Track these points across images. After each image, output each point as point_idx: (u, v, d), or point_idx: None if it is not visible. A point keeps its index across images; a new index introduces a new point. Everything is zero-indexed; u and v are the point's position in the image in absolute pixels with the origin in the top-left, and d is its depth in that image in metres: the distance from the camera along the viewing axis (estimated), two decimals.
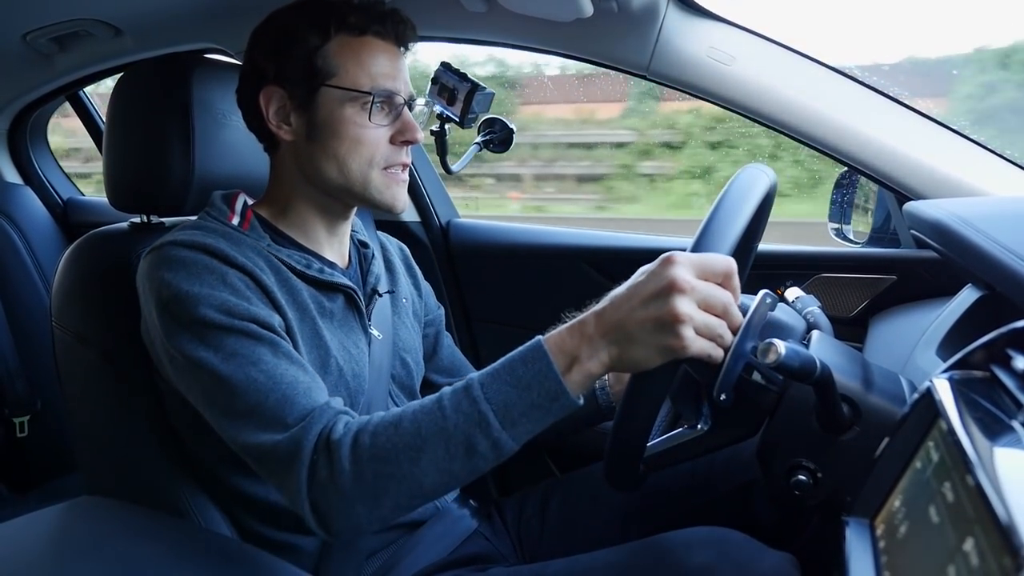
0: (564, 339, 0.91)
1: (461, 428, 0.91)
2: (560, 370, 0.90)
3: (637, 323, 0.87)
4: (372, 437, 0.93)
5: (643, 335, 0.86)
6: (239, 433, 1.00)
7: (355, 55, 1.14)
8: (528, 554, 1.40)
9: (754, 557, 1.06)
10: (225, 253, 1.07)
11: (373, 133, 1.15)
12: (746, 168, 1.01)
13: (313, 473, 0.94)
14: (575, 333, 0.91)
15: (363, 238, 1.36)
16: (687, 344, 0.85)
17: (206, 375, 1.01)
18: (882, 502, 0.77)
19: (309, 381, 1.02)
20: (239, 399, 0.99)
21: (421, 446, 0.92)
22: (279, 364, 1.01)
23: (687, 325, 0.85)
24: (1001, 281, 1.02)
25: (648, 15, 1.44)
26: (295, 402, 0.98)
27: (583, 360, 0.90)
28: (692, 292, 0.85)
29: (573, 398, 0.90)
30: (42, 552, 1.04)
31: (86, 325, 1.24)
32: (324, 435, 0.96)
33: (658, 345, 0.86)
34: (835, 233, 1.74)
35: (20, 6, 1.66)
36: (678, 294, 0.84)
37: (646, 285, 0.87)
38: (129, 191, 1.34)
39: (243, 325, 1.03)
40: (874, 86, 1.46)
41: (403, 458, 0.92)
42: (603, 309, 0.90)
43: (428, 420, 0.92)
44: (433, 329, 1.51)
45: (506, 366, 0.93)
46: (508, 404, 0.90)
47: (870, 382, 0.97)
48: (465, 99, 1.64)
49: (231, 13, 1.61)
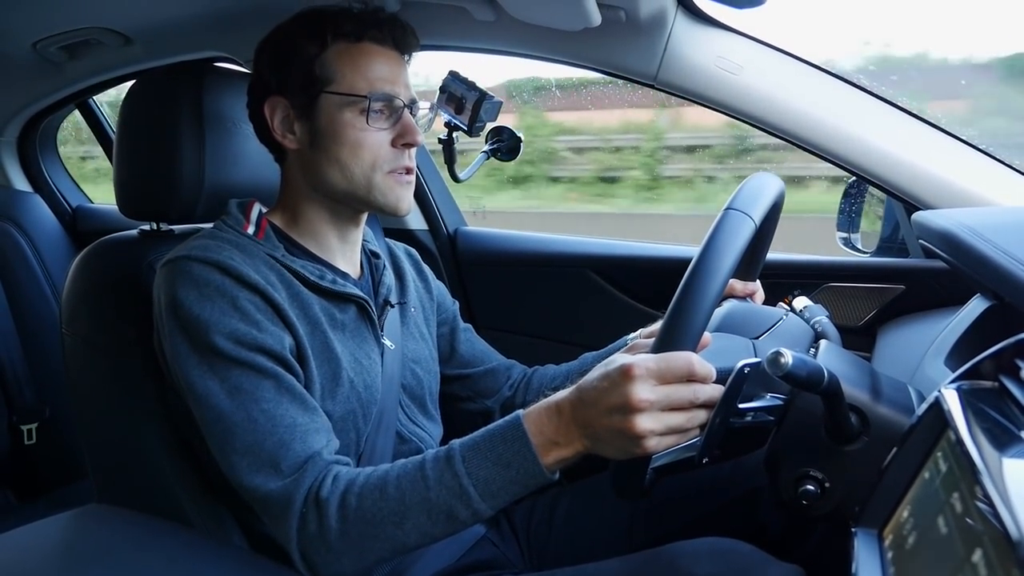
0: (543, 422, 0.95)
1: (443, 499, 0.96)
2: (538, 451, 0.93)
3: (603, 428, 0.90)
4: (359, 499, 0.98)
5: (609, 438, 0.90)
6: (233, 469, 1.04)
7: (352, 61, 1.15)
8: (535, 560, 1.41)
9: (761, 569, 1.06)
10: (238, 271, 1.08)
11: (373, 137, 1.15)
12: (725, 217, 0.97)
13: (303, 526, 0.99)
14: (552, 417, 0.94)
15: (374, 248, 1.36)
16: (651, 449, 0.88)
17: (208, 406, 1.05)
18: (890, 513, 0.77)
19: (307, 423, 1.05)
20: (237, 437, 1.03)
21: (405, 513, 0.97)
22: (280, 403, 1.04)
23: (648, 438, 0.87)
24: (1010, 291, 1.02)
25: (656, 24, 1.44)
26: (291, 448, 1.02)
27: (560, 445, 0.94)
28: (651, 406, 0.87)
29: (549, 476, 0.95)
30: (50, 560, 1.04)
31: (96, 332, 1.25)
32: (314, 490, 1.00)
33: (624, 449, 0.90)
34: (843, 242, 1.74)
35: (30, 15, 1.67)
36: (636, 413, 0.87)
37: (608, 395, 0.89)
38: (140, 199, 1.34)
39: (250, 357, 1.05)
40: (882, 95, 1.46)
41: (387, 523, 0.97)
42: (576, 400, 0.93)
43: (412, 489, 0.97)
44: (447, 327, 1.51)
45: (487, 441, 0.97)
46: (488, 480, 0.95)
47: (878, 392, 0.96)
48: (473, 108, 1.64)
49: (240, 22, 1.62)
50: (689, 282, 0.93)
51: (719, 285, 0.93)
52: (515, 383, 1.50)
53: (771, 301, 1.36)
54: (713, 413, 0.93)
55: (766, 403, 1.02)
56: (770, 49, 1.48)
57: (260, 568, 1.06)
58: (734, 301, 1.29)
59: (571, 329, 1.96)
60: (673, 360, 0.88)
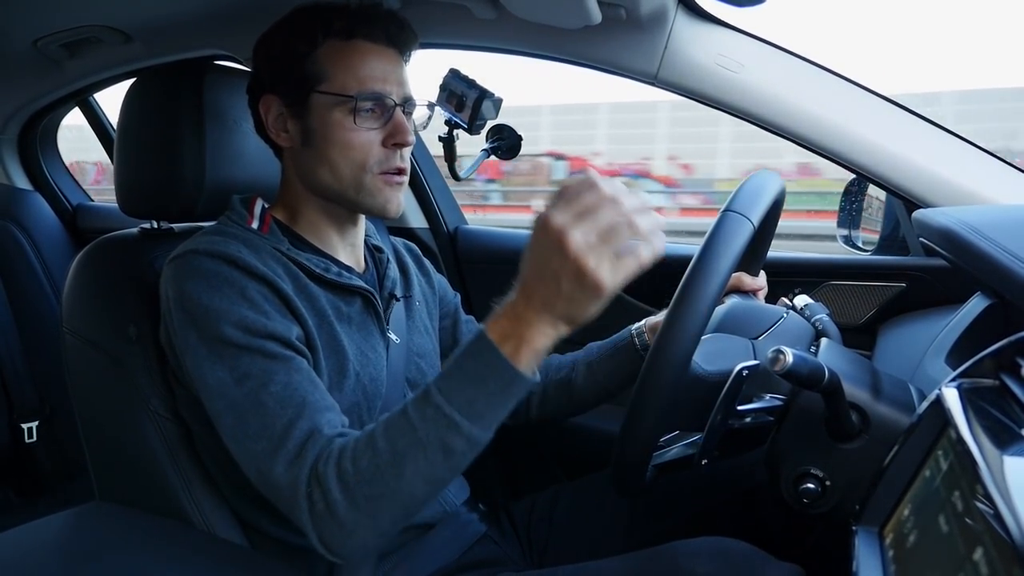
0: (504, 326, 0.92)
1: (434, 434, 0.92)
2: (509, 355, 0.90)
3: (555, 285, 0.87)
4: (353, 463, 0.95)
5: (568, 291, 0.86)
6: (245, 458, 1.02)
7: (342, 59, 1.14)
8: (536, 558, 1.41)
9: (761, 568, 1.06)
10: (246, 262, 1.07)
11: (363, 136, 1.14)
12: (723, 219, 0.98)
13: (311, 506, 0.96)
14: (511, 317, 0.91)
15: (377, 243, 1.36)
16: (605, 276, 0.85)
17: (219, 396, 1.03)
18: (891, 511, 0.77)
19: (317, 401, 1.03)
20: (248, 424, 1.01)
21: (401, 461, 0.93)
22: (289, 384, 1.02)
23: (599, 261, 0.84)
24: (1010, 289, 1.02)
25: (657, 22, 1.44)
26: (297, 428, 1.00)
27: (528, 340, 0.90)
28: (572, 222, 0.84)
29: (529, 378, 0.92)
30: (50, 558, 1.04)
31: (96, 330, 1.25)
32: (316, 468, 0.97)
33: (585, 296, 0.87)
34: (844, 240, 1.74)
35: (31, 13, 1.67)
36: (565, 238, 0.84)
37: (539, 252, 0.87)
38: (140, 197, 1.34)
39: (259, 344, 1.04)
40: (882, 93, 1.46)
41: (388, 476, 0.94)
42: (522, 287, 0.91)
43: (400, 435, 0.94)
44: (450, 320, 1.51)
45: (457, 364, 0.94)
46: (471, 400, 0.92)
47: (879, 390, 0.96)
48: (473, 105, 1.63)
49: (240, 20, 1.61)
50: (687, 284, 0.94)
51: (717, 287, 0.93)
52: None
53: (772, 299, 1.36)
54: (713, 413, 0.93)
55: (765, 404, 1.02)
56: (771, 47, 1.48)
57: (260, 566, 1.06)
58: (736, 298, 1.29)
59: None
60: (573, 190, 0.86)
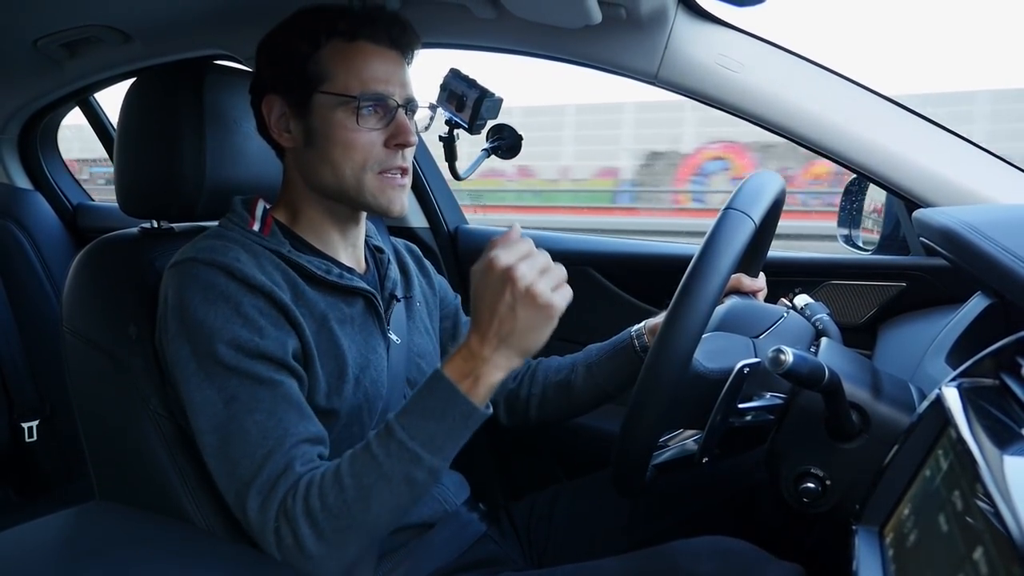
0: (459, 365, 1.00)
1: (397, 469, 0.99)
2: (466, 391, 0.99)
3: (508, 318, 0.97)
4: (321, 499, 0.99)
5: (523, 320, 0.97)
6: (223, 476, 1.06)
7: (345, 60, 1.15)
8: (536, 557, 1.41)
9: (761, 567, 1.06)
10: (244, 273, 1.08)
11: (365, 137, 1.15)
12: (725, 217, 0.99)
13: (279, 541, 1.01)
14: (466, 357, 1.00)
15: (378, 243, 1.36)
16: (556, 302, 0.98)
17: (204, 415, 1.06)
18: (891, 510, 0.77)
19: (300, 431, 1.05)
20: (229, 447, 1.04)
21: (367, 495, 0.99)
22: (275, 410, 1.05)
23: (537, 284, 0.96)
24: (1011, 289, 1.02)
25: (657, 22, 1.44)
26: (274, 459, 1.03)
27: (484, 376, 0.99)
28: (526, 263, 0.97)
29: (483, 411, 1.00)
30: (51, 557, 1.04)
31: (96, 330, 1.25)
32: (284, 502, 1.01)
33: (539, 320, 0.98)
34: (844, 240, 1.74)
35: (31, 13, 1.67)
36: (519, 275, 0.96)
37: (495, 293, 0.98)
38: (141, 197, 1.34)
39: (249, 365, 1.05)
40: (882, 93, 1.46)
41: (355, 509, 0.99)
42: (475, 328, 1.01)
43: (366, 471, 1.00)
44: (450, 321, 1.51)
45: (417, 402, 1.01)
46: (432, 435, 0.99)
47: (879, 390, 0.96)
48: (474, 105, 1.63)
49: (240, 20, 1.61)
50: (688, 282, 0.94)
51: (718, 285, 0.93)
52: (519, 375, 1.50)
53: (772, 299, 1.36)
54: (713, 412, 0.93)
55: (766, 402, 1.02)
56: (771, 47, 1.48)
57: (260, 565, 1.06)
58: (736, 298, 1.29)
59: (572, 327, 1.94)
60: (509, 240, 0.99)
